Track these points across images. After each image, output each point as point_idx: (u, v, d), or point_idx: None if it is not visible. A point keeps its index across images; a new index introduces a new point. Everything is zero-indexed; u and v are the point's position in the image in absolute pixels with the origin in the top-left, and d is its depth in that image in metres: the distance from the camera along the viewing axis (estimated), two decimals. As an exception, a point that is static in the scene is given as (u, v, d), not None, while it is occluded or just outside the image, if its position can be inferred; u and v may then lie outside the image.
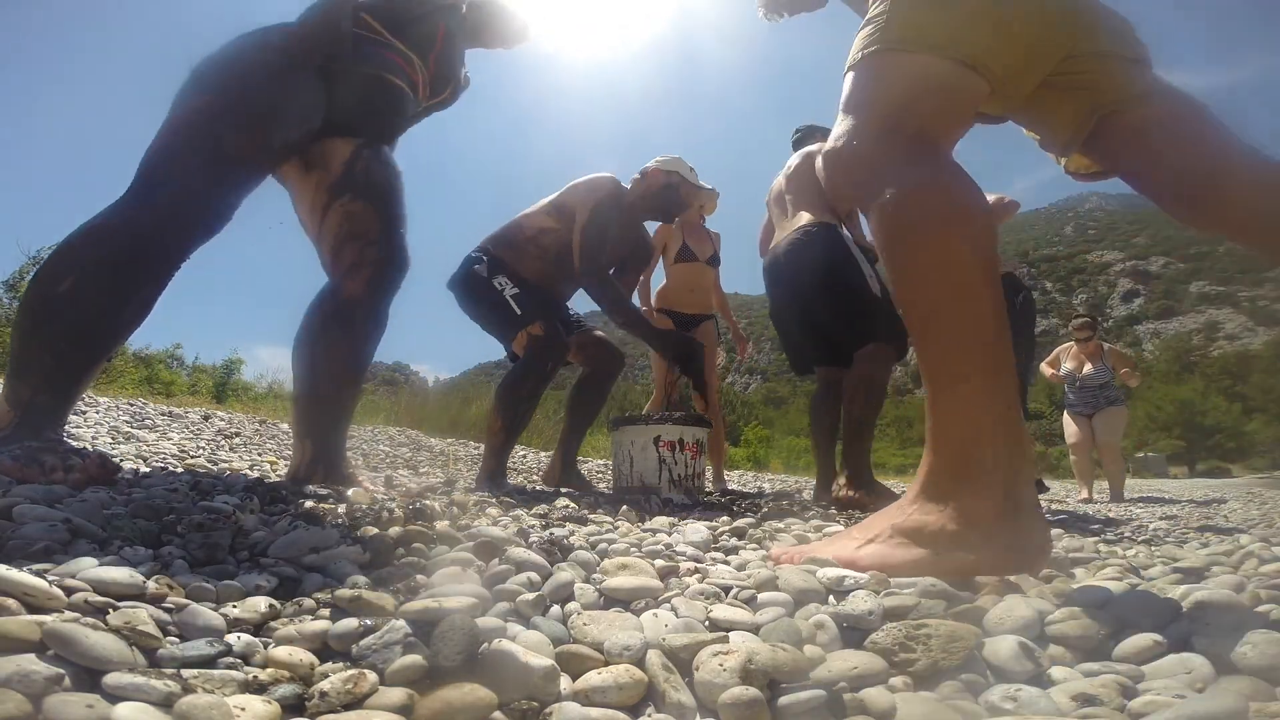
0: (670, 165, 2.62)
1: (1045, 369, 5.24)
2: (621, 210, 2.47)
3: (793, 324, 2.56)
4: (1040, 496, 2.59)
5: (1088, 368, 4.98)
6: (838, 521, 1.48)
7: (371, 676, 0.54)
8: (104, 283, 1.17)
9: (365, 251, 1.51)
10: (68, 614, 0.54)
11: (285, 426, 4.21)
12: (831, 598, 0.84)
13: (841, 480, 2.22)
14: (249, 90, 1.33)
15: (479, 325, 2.44)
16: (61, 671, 0.46)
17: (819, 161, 1.13)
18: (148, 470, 1.42)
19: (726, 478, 4.46)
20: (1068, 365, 5.11)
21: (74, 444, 1.22)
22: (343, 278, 1.52)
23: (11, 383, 1.20)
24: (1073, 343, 5.21)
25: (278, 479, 1.62)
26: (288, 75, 1.38)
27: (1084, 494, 4.79)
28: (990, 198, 2.87)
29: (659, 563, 0.93)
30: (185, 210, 1.24)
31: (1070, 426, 5.01)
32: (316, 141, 1.49)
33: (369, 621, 0.61)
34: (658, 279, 3.94)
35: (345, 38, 1.42)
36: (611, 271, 2.52)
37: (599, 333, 2.62)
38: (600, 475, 3.80)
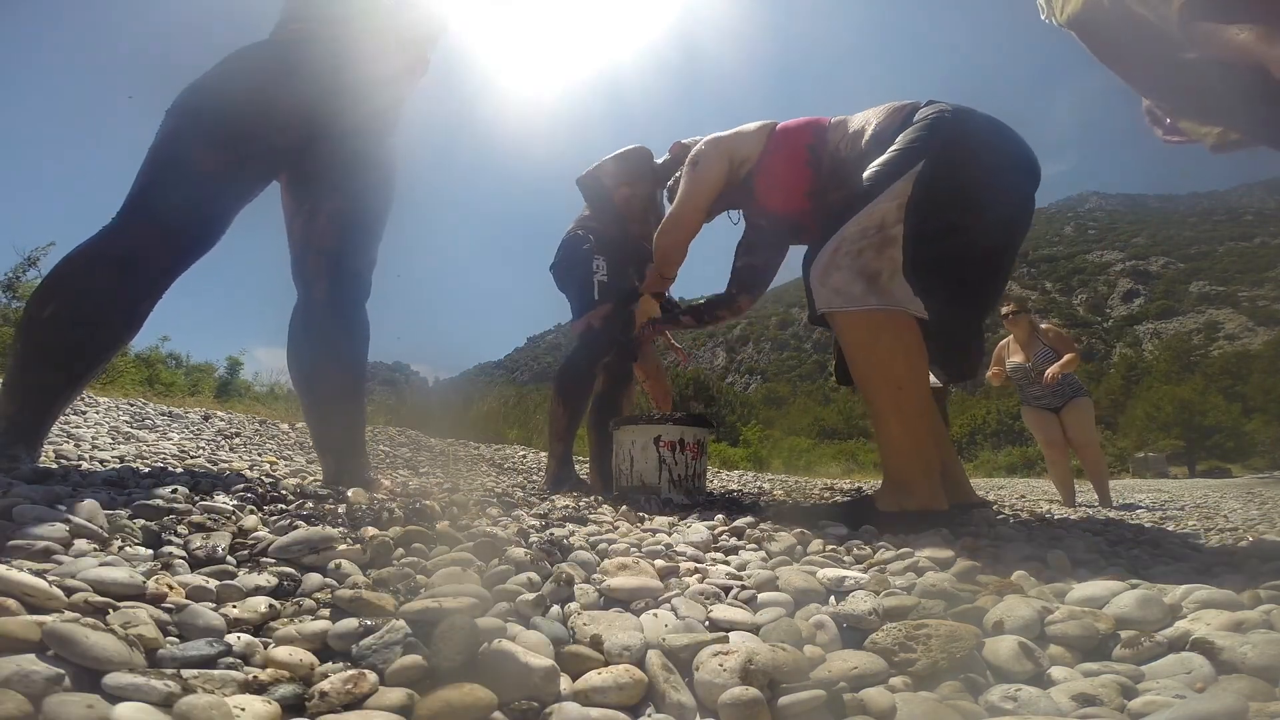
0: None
1: (991, 371, 4.55)
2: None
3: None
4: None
5: (1034, 355, 4.33)
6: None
7: (371, 676, 0.54)
8: (82, 309, 1.23)
9: (322, 261, 1.51)
10: (68, 614, 0.54)
11: (285, 426, 4.21)
12: (831, 598, 0.84)
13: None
14: (219, 106, 1.36)
15: (567, 296, 2.63)
16: (61, 671, 0.46)
17: None
18: (147, 470, 1.42)
19: (727, 478, 4.46)
20: (1014, 360, 4.47)
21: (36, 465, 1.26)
22: (306, 287, 1.52)
23: (3, 398, 1.26)
24: (1009, 337, 4.55)
25: (278, 479, 1.62)
26: (259, 89, 1.39)
27: (1067, 501, 4.17)
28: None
29: (659, 563, 0.93)
30: (165, 230, 1.28)
31: (1039, 428, 4.45)
32: (302, 156, 1.49)
33: (369, 621, 0.61)
34: None
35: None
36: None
37: (621, 346, 2.78)
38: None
